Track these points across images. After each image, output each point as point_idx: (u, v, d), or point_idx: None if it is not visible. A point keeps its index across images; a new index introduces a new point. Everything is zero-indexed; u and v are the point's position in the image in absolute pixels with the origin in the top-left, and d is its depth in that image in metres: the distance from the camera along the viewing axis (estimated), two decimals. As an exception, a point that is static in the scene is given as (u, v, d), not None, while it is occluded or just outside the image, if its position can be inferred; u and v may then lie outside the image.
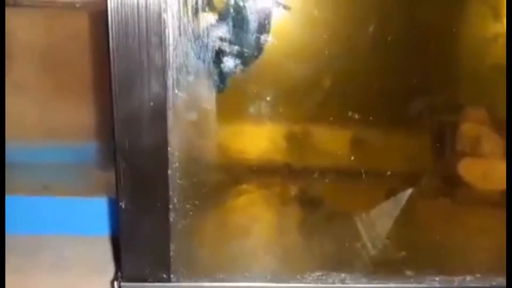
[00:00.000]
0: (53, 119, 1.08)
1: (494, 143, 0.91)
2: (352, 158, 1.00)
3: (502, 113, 0.91)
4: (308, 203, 0.85)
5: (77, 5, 0.89)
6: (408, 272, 0.69)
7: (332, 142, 0.99)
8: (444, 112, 0.93)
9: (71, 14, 0.99)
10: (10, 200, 0.82)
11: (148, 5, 0.56)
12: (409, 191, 0.79)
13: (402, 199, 0.77)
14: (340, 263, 0.71)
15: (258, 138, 0.90)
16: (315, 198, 0.86)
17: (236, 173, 0.77)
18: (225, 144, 0.82)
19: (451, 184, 0.92)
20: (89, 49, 1.02)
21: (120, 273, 0.64)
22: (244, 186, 0.80)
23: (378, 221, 0.77)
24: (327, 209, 0.84)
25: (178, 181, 0.61)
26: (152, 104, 0.58)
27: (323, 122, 0.98)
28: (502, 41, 0.93)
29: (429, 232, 0.80)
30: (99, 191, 0.88)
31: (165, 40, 0.57)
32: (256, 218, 0.77)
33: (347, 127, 1.00)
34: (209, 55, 0.61)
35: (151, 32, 0.57)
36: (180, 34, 0.58)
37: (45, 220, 0.85)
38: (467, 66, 0.96)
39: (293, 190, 0.83)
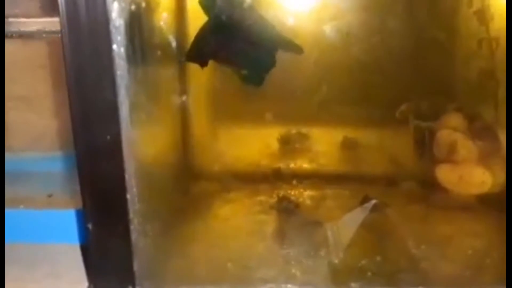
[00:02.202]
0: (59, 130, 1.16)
1: (469, 150, 0.93)
2: (331, 164, 1.04)
3: (478, 121, 0.93)
4: (282, 212, 0.91)
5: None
6: (353, 284, 0.73)
7: (309, 149, 1.04)
8: (422, 119, 0.96)
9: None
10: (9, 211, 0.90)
11: (100, 52, 0.62)
12: (373, 201, 0.82)
13: (365, 210, 0.80)
14: (289, 274, 0.76)
15: (210, 160, 0.96)
16: (288, 207, 0.91)
17: (190, 195, 0.83)
18: (177, 170, 0.88)
19: (428, 189, 0.95)
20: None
21: (93, 285, 0.72)
22: (198, 205, 0.86)
23: (342, 230, 0.81)
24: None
25: (137, 204, 0.68)
26: (108, 137, 0.64)
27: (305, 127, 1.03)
28: (487, 46, 0.95)
29: (386, 241, 0.83)
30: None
31: (116, 82, 0.63)
32: (213, 233, 0.83)
33: (326, 133, 1.05)
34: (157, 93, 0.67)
35: (103, 75, 0.63)
36: (130, 76, 0.64)
37: (44, 231, 0.92)
38: (447, 74, 0.98)
39: (253, 203, 0.90)
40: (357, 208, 0.82)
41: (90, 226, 0.68)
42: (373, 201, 0.82)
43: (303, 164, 1.05)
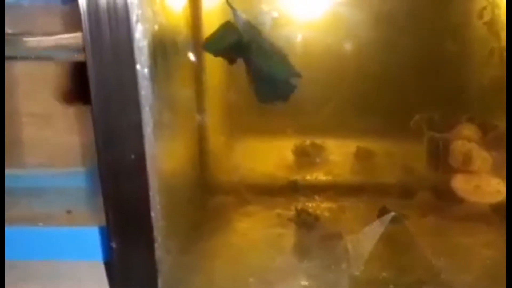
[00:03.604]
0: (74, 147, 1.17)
1: (484, 160, 0.94)
2: (347, 174, 1.05)
3: (492, 131, 0.94)
4: (302, 225, 0.91)
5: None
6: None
7: (325, 160, 1.05)
8: (436, 130, 0.97)
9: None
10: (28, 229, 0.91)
11: (124, 72, 0.63)
12: (391, 214, 0.82)
13: (385, 222, 0.81)
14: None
15: (225, 174, 0.97)
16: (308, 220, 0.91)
17: (208, 209, 0.84)
18: (195, 185, 0.89)
19: (444, 199, 0.96)
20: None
21: (117, 304, 0.72)
22: (217, 219, 0.87)
23: (362, 242, 0.81)
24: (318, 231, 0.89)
25: (161, 221, 0.68)
26: (133, 156, 0.65)
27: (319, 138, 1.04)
28: (498, 55, 0.96)
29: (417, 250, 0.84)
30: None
31: (140, 102, 0.64)
32: (234, 247, 0.84)
33: (340, 143, 1.05)
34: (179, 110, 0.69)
35: (127, 95, 0.64)
36: (154, 95, 0.65)
37: (63, 248, 0.93)
38: (460, 84, 0.99)
39: (272, 216, 0.90)
40: (376, 220, 0.82)
41: (114, 244, 0.68)
42: (392, 213, 0.82)
43: (319, 176, 1.06)
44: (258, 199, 0.99)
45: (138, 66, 0.62)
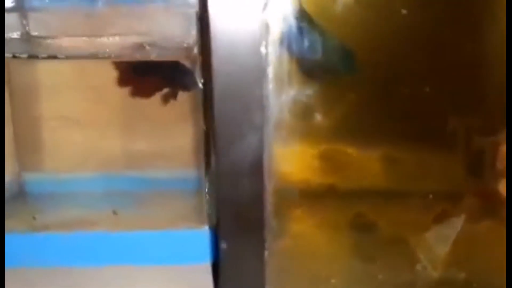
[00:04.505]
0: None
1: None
2: (394, 177, 1.06)
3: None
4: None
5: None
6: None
7: (372, 161, 1.06)
8: (484, 132, 0.99)
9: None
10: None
11: (249, 72, 0.63)
12: (463, 216, 0.84)
13: (457, 224, 0.83)
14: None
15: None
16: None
17: (323, 213, 0.84)
18: (315, 188, 0.89)
19: (492, 203, 0.98)
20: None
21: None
22: (332, 221, 0.87)
23: (432, 246, 0.83)
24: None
25: (272, 222, 0.69)
26: (251, 158, 0.65)
27: (363, 141, 1.04)
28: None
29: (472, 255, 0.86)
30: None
31: (263, 103, 0.64)
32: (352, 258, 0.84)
33: (387, 146, 1.06)
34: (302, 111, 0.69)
35: (251, 96, 0.64)
36: (277, 97, 0.65)
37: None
38: (500, 87, 1.01)
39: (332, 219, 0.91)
40: (446, 222, 0.84)
41: (223, 245, 0.68)
42: (463, 216, 0.84)
43: (356, 181, 1.06)
44: (305, 202, 0.99)
45: (265, 67, 0.63)
